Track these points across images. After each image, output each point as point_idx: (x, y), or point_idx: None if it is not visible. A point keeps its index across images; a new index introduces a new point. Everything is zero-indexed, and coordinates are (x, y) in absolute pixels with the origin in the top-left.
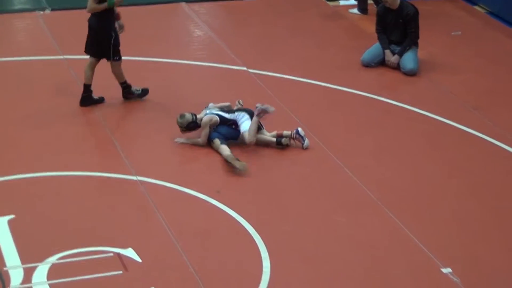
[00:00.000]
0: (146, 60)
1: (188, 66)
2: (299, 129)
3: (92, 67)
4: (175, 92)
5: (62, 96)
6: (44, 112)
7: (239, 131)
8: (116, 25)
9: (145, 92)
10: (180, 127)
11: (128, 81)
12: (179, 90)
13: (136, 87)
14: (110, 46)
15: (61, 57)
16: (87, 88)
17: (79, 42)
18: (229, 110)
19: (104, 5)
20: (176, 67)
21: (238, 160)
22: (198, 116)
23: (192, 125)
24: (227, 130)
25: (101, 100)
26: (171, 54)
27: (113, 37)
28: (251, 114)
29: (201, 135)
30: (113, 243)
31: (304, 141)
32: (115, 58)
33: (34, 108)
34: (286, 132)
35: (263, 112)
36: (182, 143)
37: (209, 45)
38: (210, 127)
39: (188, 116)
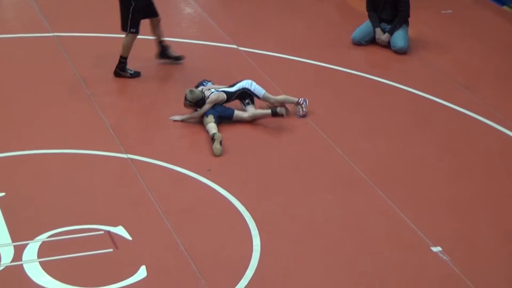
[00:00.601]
0: (137, 38)
1: (178, 44)
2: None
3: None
4: (165, 70)
5: (52, 74)
6: (33, 90)
7: (233, 110)
8: None
9: (136, 74)
10: (189, 102)
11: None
12: (170, 68)
13: (129, 68)
14: (128, 14)
15: (51, 34)
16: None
17: (68, 19)
18: (228, 86)
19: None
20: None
21: (219, 144)
22: (206, 93)
23: (201, 102)
24: (222, 108)
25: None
26: (162, 31)
27: (132, 5)
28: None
29: (201, 109)
30: (103, 221)
31: (302, 111)
32: (131, 30)
33: (22, 87)
34: (291, 99)
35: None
36: (176, 120)
37: (200, 23)
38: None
39: (198, 93)
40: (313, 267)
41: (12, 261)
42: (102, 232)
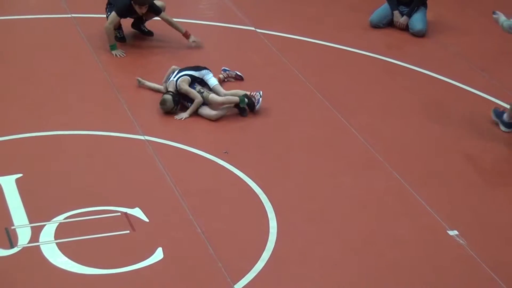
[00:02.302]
0: (154, 19)
1: (196, 26)
2: (260, 92)
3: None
4: (182, 52)
5: (69, 55)
6: (50, 71)
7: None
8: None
9: (150, 33)
10: (167, 112)
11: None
12: (187, 50)
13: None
14: None
15: (69, 15)
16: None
17: (87, 0)
18: (194, 68)
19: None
20: (184, 26)
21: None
22: (170, 88)
23: (176, 103)
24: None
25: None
26: (179, 13)
27: None
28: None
29: (192, 97)
30: (120, 203)
31: (257, 104)
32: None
33: (39, 67)
34: (240, 92)
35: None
36: (186, 118)
37: (217, 4)
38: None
39: (169, 98)
40: (329, 249)
41: (29, 242)
42: (119, 213)
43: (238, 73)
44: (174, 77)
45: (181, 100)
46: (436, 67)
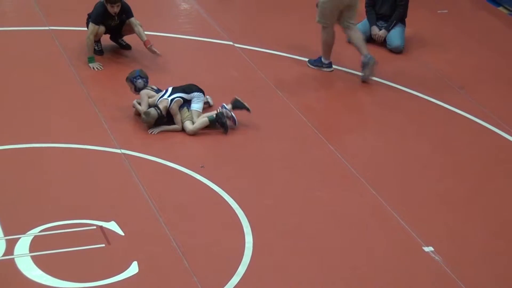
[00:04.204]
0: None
1: (174, 40)
2: (224, 105)
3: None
4: (161, 66)
5: (47, 68)
6: (28, 83)
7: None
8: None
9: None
10: (148, 124)
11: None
12: (165, 64)
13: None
14: None
15: (47, 28)
16: None
17: (65, 12)
18: (187, 89)
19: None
20: (162, 40)
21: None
22: (160, 105)
23: (159, 121)
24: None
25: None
26: (157, 27)
27: None
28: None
29: (176, 121)
30: (96, 216)
31: (234, 120)
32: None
33: (16, 79)
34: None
35: (226, 118)
36: (159, 132)
37: (196, 18)
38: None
39: (154, 113)
40: (305, 264)
41: (3, 255)
42: (94, 227)
43: (233, 115)
44: (168, 97)
45: (165, 119)
46: (413, 83)
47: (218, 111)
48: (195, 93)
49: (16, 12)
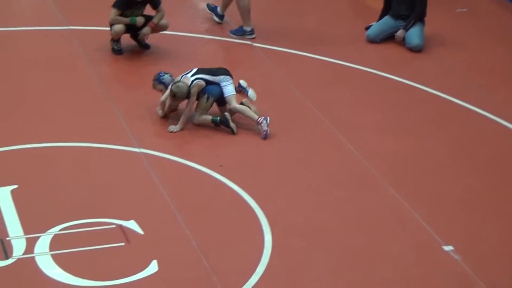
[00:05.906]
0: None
1: (193, 39)
2: (241, 81)
3: None
4: (180, 65)
5: (65, 67)
6: (47, 83)
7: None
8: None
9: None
10: (179, 98)
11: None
12: (184, 63)
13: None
14: None
15: (66, 27)
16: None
17: (84, 12)
18: (213, 71)
19: (127, 20)
20: (181, 40)
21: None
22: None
23: (188, 95)
24: (214, 88)
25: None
26: (176, 27)
27: None
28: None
29: (190, 101)
30: (115, 215)
31: (247, 92)
32: None
33: (35, 79)
34: (252, 115)
35: (242, 92)
36: (178, 131)
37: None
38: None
39: (183, 84)
40: (323, 264)
41: (24, 254)
42: (114, 226)
43: (250, 92)
44: (190, 76)
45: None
46: (432, 82)
47: (259, 120)
48: (222, 76)
49: (35, 12)
